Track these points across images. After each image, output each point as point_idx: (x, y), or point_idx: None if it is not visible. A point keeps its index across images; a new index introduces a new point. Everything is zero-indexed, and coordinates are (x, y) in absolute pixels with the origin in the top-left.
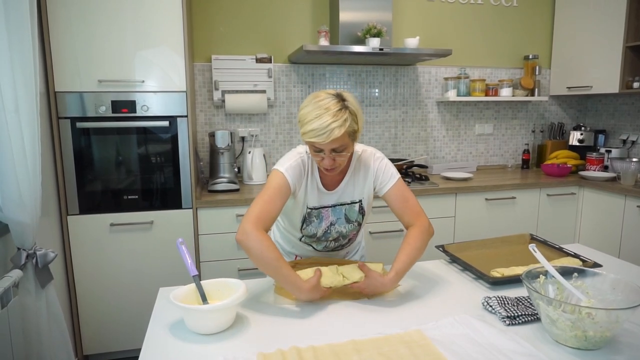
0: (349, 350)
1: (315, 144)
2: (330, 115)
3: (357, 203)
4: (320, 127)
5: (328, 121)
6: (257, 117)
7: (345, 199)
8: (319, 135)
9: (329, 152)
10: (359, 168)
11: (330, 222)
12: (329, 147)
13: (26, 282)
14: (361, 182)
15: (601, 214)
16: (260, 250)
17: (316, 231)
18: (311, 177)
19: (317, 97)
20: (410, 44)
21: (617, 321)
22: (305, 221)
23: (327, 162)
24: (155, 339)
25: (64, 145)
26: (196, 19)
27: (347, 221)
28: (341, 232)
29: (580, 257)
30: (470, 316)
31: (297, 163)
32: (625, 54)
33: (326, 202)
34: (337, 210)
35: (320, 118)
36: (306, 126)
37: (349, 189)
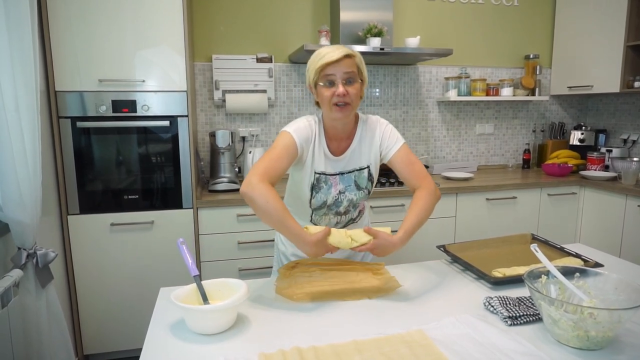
0: (350, 351)
1: (328, 71)
2: (339, 46)
3: (366, 169)
4: (334, 49)
5: (336, 47)
6: (257, 117)
7: (353, 166)
8: (331, 55)
9: (341, 79)
10: (365, 134)
11: (339, 190)
12: (342, 70)
13: (26, 281)
14: (367, 147)
15: (602, 213)
16: (266, 201)
17: (326, 198)
18: (318, 142)
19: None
20: (411, 43)
21: (619, 321)
22: (314, 188)
23: (340, 89)
24: (156, 339)
25: (64, 145)
26: (197, 18)
27: (357, 188)
28: (352, 200)
29: (581, 257)
30: (472, 316)
31: (304, 125)
32: (626, 53)
33: (333, 169)
34: (346, 177)
35: (330, 47)
36: (320, 58)
37: (356, 155)
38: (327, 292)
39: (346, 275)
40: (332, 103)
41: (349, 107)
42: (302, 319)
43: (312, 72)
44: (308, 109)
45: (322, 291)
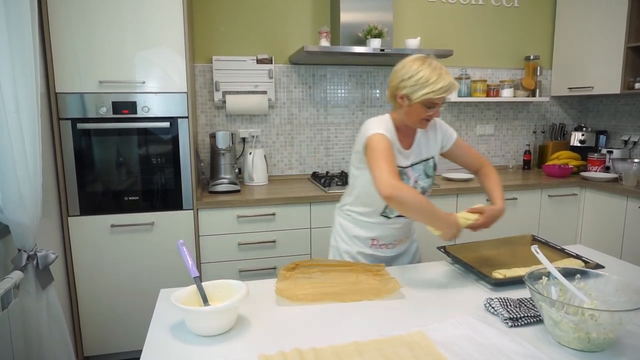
0: (351, 352)
1: (434, 100)
2: (446, 73)
3: (431, 159)
4: (448, 84)
5: (449, 78)
6: (258, 118)
7: (420, 157)
8: (448, 91)
9: (440, 103)
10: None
11: (414, 179)
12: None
13: (27, 283)
14: (428, 140)
15: (603, 215)
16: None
17: None
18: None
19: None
20: (411, 44)
21: (620, 323)
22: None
23: (437, 113)
24: (156, 341)
25: (65, 146)
26: (197, 19)
27: (426, 176)
28: (424, 187)
29: (582, 258)
30: (473, 317)
31: (388, 127)
32: (627, 54)
33: (404, 162)
34: (416, 168)
35: (442, 77)
36: (433, 85)
37: (421, 147)
38: (328, 293)
39: (346, 276)
40: (422, 119)
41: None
42: (302, 320)
43: (418, 91)
44: (308, 109)
45: (323, 292)
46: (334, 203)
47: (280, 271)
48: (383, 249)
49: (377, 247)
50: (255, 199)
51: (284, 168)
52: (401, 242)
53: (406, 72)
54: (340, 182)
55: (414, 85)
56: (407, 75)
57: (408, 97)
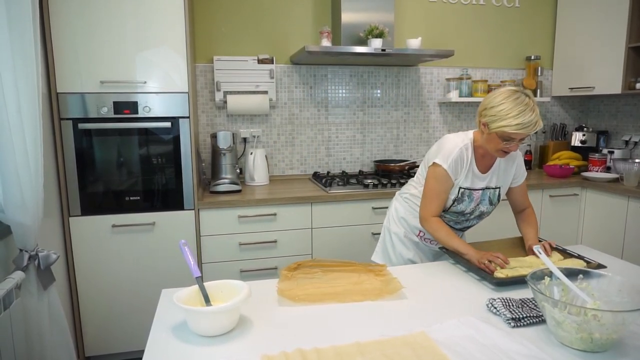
0: (353, 352)
1: (511, 134)
2: (531, 111)
3: (499, 189)
4: (528, 122)
5: (532, 117)
6: (259, 118)
7: (492, 184)
8: (526, 128)
9: (518, 140)
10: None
11: (478, 202)
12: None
13: (28, 283)
14: (505, 171)
15: (604, 215)
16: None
17: (465, 208)
18: (469, 165)
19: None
20: (413, 44)
21: (623, 323)
22: (457, 200)
23: (514, 147)
24: (158, 341)
25: (66, 147)
26: (198, 19)
27: (490, 203)
28: (482, 211)
29: (584, 259)
30: (475, 318)
31: (457, 156)
32: (628, 54)
33: (477, 184)
34: (485, 192)
35: (525, 113)
36: (510, 120)
37: (496, 174)
38: (329, 293)
39: (348, 276)
40: (499, 149)
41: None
42: (304, 321)
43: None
44: (309, 110)
45: (324, 293)
46: (335, 203)
47: (282, 271)
48: (428, 244)
49: (422, 240)
50: (257, 199)
51: (285, 168)
52: None
53: (490, 102)
54: (341, 182)
55: (493, 116)
56: (490, 104)
57: (487, 125)
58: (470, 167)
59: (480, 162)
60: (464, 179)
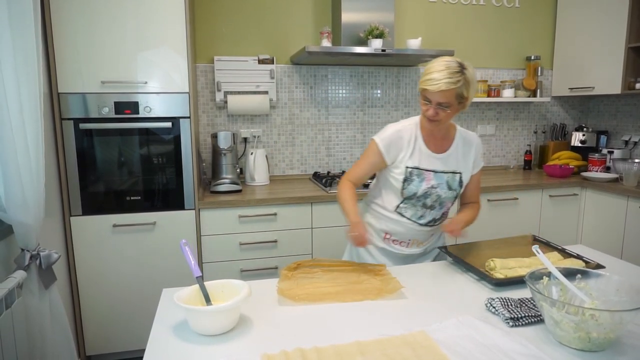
0: (353, 352)
1: (426, 93)
2: (447, 73)
3: (459, 174)
4: (435, 79)
5: (443, 75)
6: (259, 118)
7: (449, 167)
8: (431, 85)
9: (435, 103)
10: (464, 144)
11: (432, 185)
12: (436, 98)
13: (30, 283)
14: (464, 157)
15: (603, 215)
16: (338, 192)
17: (417, 190)
18: (414, 143)
19: (444, 58)
20: (413, 45)
21: (621, 323)
22: (407, 180)
23: (430, 112)
24: (158, 340)
25: (67, 146)
26: (198, 20)
27: (448, 188)
28: (440, 196)
29: (583, 259)
30: (474, 317)
31: (391, 135)
32: (628, 54)
33: (430, 165)
34: (439, 176)
35: (440, 72)
36: (426, 75)
37: (453, 158)
38: (329, 293)
39: (348, 276)
40: (425, 114)
41: (437, 122)
42: (304, 320)
43: (420, 81)
44: (309, 110)
45: (324, 292)
46: (335, 203)
47: (282, 271)
48: (396, 246)
49: (389, 242)
50: (257, 199)
51: (286, 168)
52: (419, 243)
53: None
54: None
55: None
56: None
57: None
58: (415, 146)
59: (430, 141)
60: (409, 158)
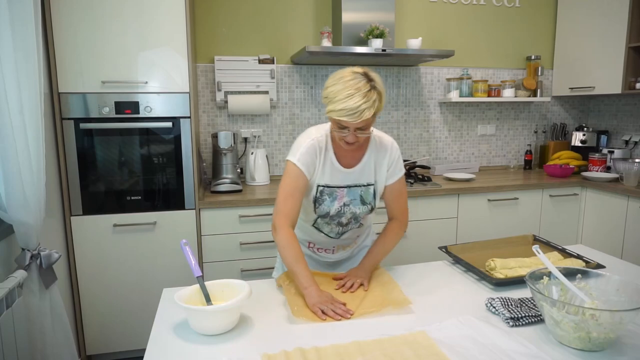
0: (352, 351)
1: (342, 122)
2: (361, 96)
3: (372, 186)
4: (352, 108)
5: (359, 102)
6: (259, 118)
7: (362, 180)
8: (350, 115)
9: (354, 130)
10: (378, 152)
11: (344, 202)
12: (356, 126)
13: (30, 282)
14: (377, 166)
15: (604, 214)
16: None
17: (329, 209)
18: (325, 156)
19: (345, 76)
20: (413, 44)
21: (621, 322)
22: (317, 200)
23: (350, 138)
24: (159, 340)
25: (68, 146)
26: (199, 19)
27: (362, 203)
28: (355, 213)
29: (583, 258)
30: (474, 317)
31: (307, 149)
32: (628, 54)
33: (342, 181)
34: (353, 191)
35: (352, 98)
36: (336, 104)
37: (367, 169)
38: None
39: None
40: (341, 141)
41: (357, 143)
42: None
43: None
44: (310, 110)
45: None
46: None
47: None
48: (322, 253)
49: (314, 250)
50: (257, 198)
51: None
52: (344, 248)
53: (327, 82)
54: None
55: (326, 98)
56: (326, 85)
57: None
58: (326, 161)
59: (342, 155)
60: (320, 175)
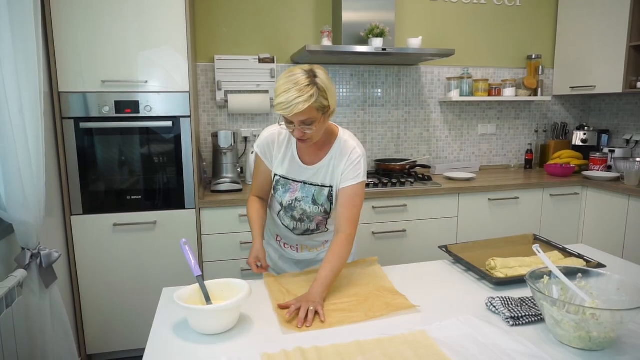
0: (353, 351)
1: (283, 116)
2: (297, 90)
3: (327, 188)
4: (287, 101)
5: (293, 96)
6: (259, 117)
7: (317, 180)
8: (285, 109)
9: (298, 124)
10: (338, 155)
11: (296, 197)
12: (296, 119)
13: (30, 282)
14: (336, 167)
15: (605, 214)
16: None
17: (281, 200)
18: (286, 147)
19: (290, 71)
20: (413, 44)
21: (621, 322)
22: (274, 188)
23: (296, 133)
24: (159, 339)
25: (68, 146)
26: (199, 19)
27: (313, 202)
28: (305, 210)
29: (584, 258)
30: (474, 317)
31: (265, 137)
32: (629, 53)
33: (298, 176)
34: (306, 188)
35: (288, 92)
36: (277, 99)
37: (324, 170)
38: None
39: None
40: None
41: (309, 140)
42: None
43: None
44: None
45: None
46: None
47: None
48: (287, 249)
49: (281, 245)
50: None
51: None
52: (309, 249)
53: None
54: None
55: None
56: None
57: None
58: (287, 152)
59: (304, 150)
60: (279, 164)
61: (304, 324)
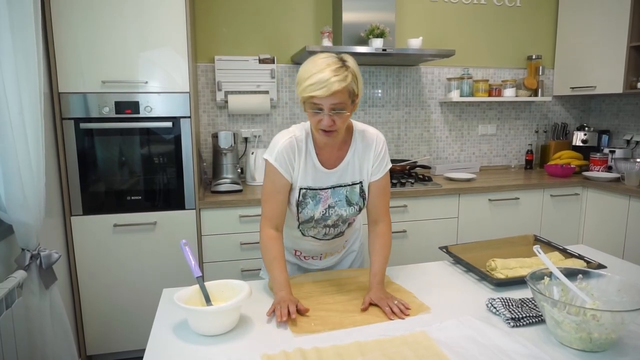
0: (353, 352)
1: (314, 100)
2: (331, 71)
3: (358, 184)
4: (321, 80)
5: (328, 75)
6: (260, 118)
7: (346, 180)
8: (320, 89)
9: (328, 109)
10: (361, 146)
11: (329, 204)
12: (329, 102)
13: (30, 283)
14: (362, 162)
15: (605, 214)
16: (261, 249)
17: (313, 214)
18: (306, 155)
19: (318, 56)
20: (413, 44)
21: (622, 323)
22: (300, 204)
23: (326, 121)
24: (159, 340)
25: (68, 146)
26: (199, 19)
27: (348, 204)
28: (341, 215)
29: (584, 259)
30: (475, 318)
31: (284, 147)
32: (629, 53)
33: (325, 182)
34: (338, 192)
35: (322, 72)
36: (306, 82)
37: (351, 168)
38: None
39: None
40: (318, 128)
41: (335, 132)
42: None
43: (300, 91)
44: None
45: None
46: None
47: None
48: (309, 260)
49: (301, 258)
50: (258, 198)
51: None
52: (331, 254)
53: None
54: None
55: (299, 80)
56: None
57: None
58: (308, 162)
59: (323, 155)
60: (303, 177)
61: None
